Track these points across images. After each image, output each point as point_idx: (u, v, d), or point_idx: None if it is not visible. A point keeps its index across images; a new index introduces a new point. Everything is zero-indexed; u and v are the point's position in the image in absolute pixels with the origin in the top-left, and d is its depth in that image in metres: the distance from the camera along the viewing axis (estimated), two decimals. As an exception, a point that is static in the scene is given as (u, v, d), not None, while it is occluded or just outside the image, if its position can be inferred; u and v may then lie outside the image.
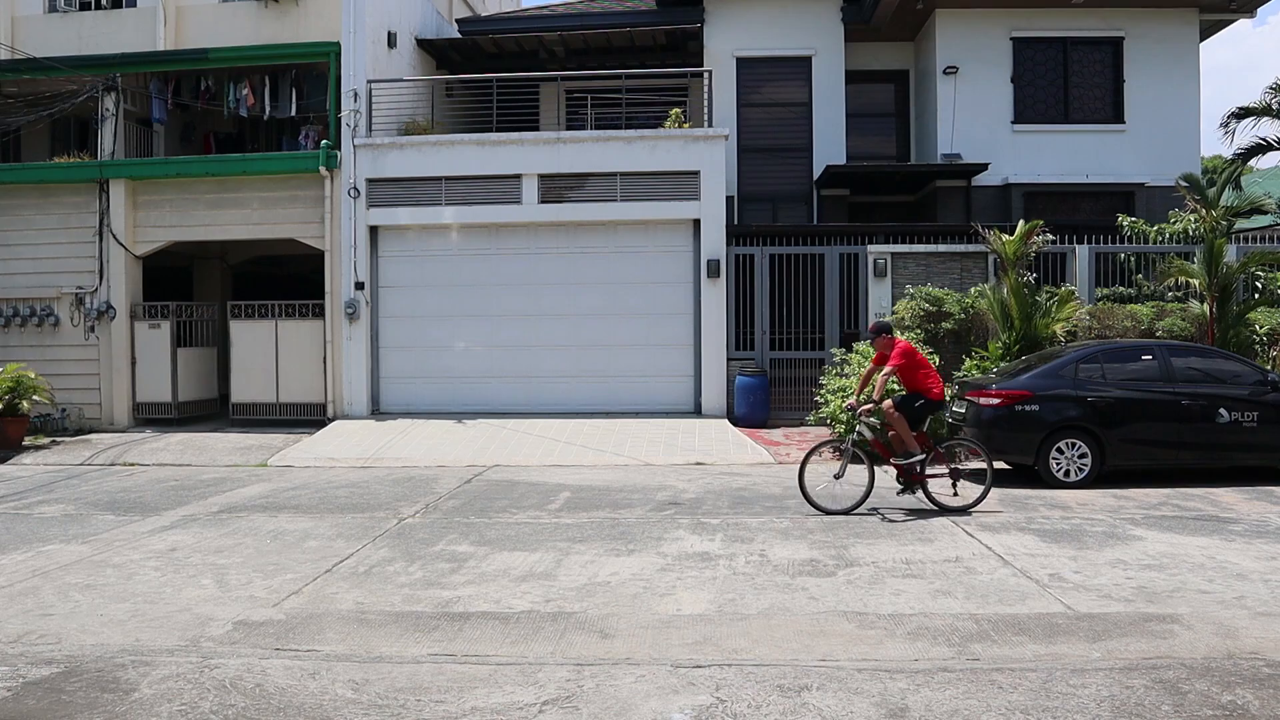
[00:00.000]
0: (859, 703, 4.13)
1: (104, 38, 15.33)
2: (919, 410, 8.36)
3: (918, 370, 8.37)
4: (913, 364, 8.34)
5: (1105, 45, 16.76)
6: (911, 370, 8.34)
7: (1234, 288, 12.56)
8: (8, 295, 15.24)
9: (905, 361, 8.28)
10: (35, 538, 7.80)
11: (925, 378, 8.36)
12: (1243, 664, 4.57)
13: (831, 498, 8.37)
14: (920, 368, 8.39)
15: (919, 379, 8.36)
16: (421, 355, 14.88)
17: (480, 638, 5.11)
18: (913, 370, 8.35)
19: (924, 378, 8.36)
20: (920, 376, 8.37)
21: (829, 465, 8.71)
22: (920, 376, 8.37)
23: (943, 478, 8.45)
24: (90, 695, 4.33)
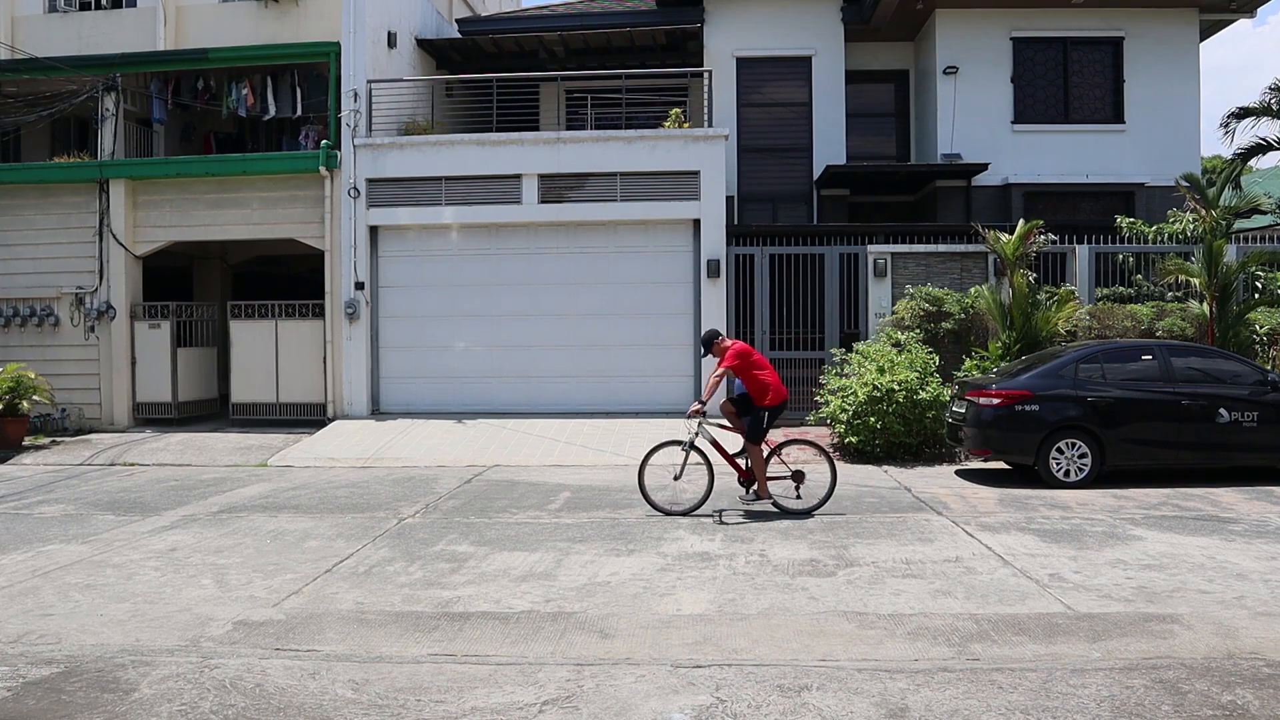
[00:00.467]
0: (859, 703, 4.13)
1: (104, 38, 15.32)
2: (758, 413, 8.22)
3: (751, 371, 8.23)
4: (747, 365, 8.21)
5: (1105, 45, 16.76)
6: (746, 372, 8.23)
7: (1234, 287, 12.56)
8: (8, 295, 15.25)
9: (739, 363, 8.19)
10: (35, 538, 7.80)
11: (760, 380, 8.21)
12: (1243, 664, 4.57)
13: (671, 498, 8.42)
14: (755, 368, 8.24)
15: (754, 381, 8.24)
16: (422, 355, 14.88)
17: (480, 638, 5.11)
18: (747, 372, 8.23)
19: (758, 380, 8.22)
20: (754, 378, 8.23)
21: (673, 467, 8.45)
22: (754, 378, 8.23)
23: (785, 480, 8.35)
24: (90, 695, 4.33)
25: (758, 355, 8.41)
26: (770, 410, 8.22)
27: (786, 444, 8.52)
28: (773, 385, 8.22)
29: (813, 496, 8.34)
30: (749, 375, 8.23)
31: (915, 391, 10.98)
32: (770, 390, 8.19)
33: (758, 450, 8.24)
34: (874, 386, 10.98)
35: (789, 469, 8.33)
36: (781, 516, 8.19)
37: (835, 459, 11.37)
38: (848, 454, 11.50)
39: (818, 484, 8.37)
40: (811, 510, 8.25)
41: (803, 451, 8.52)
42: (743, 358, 8.21)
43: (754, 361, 8.29)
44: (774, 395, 8.21)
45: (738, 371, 8.24)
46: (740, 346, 8.30)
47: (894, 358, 11.54)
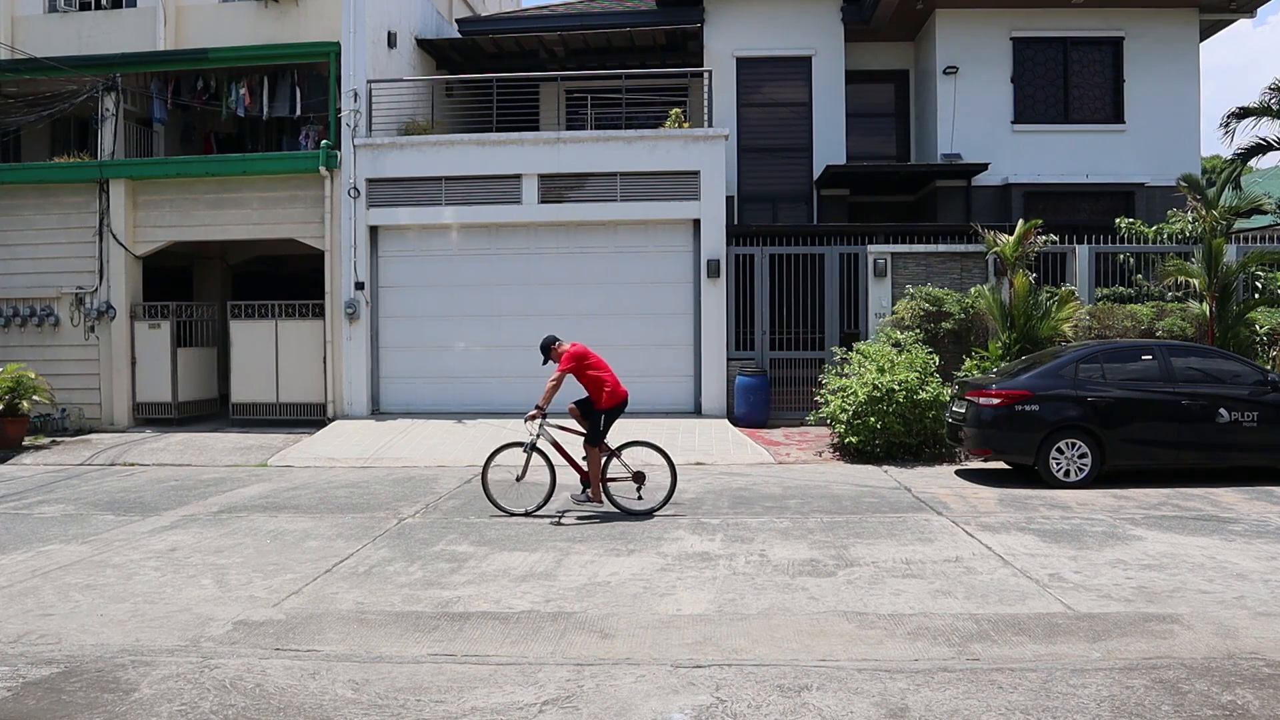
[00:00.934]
0: (859, 703, 4.13)
1: (104, 38, 15.32)
2: (597, 414, 8.29)
3: (587, 373, 8.28)
4: (583, 367, 8.28)
5: (1105, 45, 16.76)
6: (583, 374, 8.30)
7: (1234, 287, 12.56)
8: (8, 295, 15.25)
9: (574, 365, 8.25)
10: (35, 538, 7.80)
11: (597, 382, 8.28)
12: (1243, 664, 4.57)
13: (513, 499, 8.54)
14: (592, 369, 8.30)
15: (591, 383, 8.30)
16: (421, 355, 14.88)
17: (480, 638, 5.11)
18: (583, 374, 8.30)
19: (595, 382, 8.28)
20: (591, 380, 8.30)
21: (516, 468, 8.52)
22: (591, 380, 8.30)
23: (626, 480, 8.35)
24: (90, 695, 4.33)
25: (595, 358, 8.46)
26: (607, 412, 8.31)
27: (628, 445, 8.51)
28: (609, 387, 8.28)
29: (654, 497, 8.41)
30: (586, 377, 8.31)
31: (915, 391, 10.98)
32: (606, 392, 8.26)
33: (596, 453, 8.30)
34: (874, 386, 10.98)
35: (630, 470, 8.35)
36: (629, 517, 8.19)
37: (833, 458, 11.50)
38: (848, 454, 11.50)
39: (659, 485, 8.45)
40: (652, 511, 8.31)
41: (644, 453, 8.49)
42: (578, 360, 8.27)
43: (590, 364, 8.34)
44: (610, 397, 8.28)
45: (575, 374, 8.30)
46: (577, 349, 8.36)
47: (894, 358, 11.54)
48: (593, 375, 8.30)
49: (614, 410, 8.35)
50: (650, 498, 8.39)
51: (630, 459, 8.41)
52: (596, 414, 8.29)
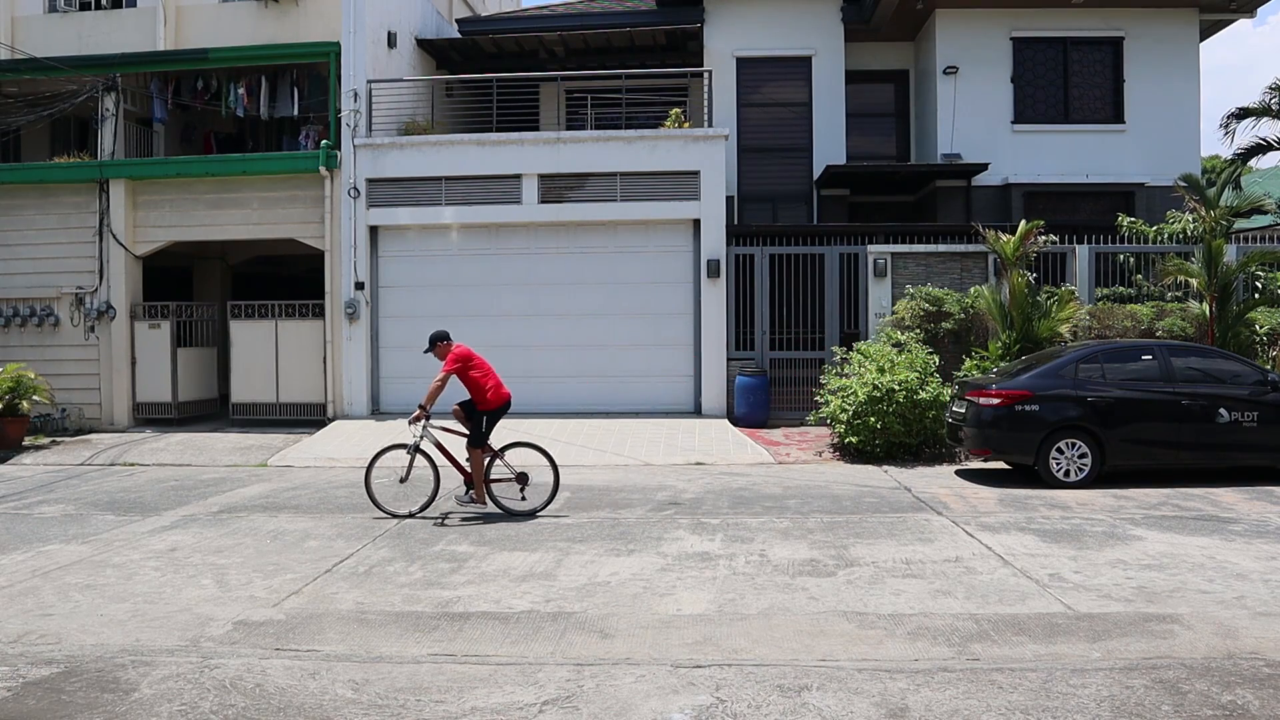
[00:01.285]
0: (859, 703, 4.13)
1: (104, 37, 15.32)
2: (480, 416, 8.36)
3: (471, 375, 8.35)
4: (466, 369, 8.33)
5: (1105, 45, 16.76)
6: (465, 375, 8.35)
7: (1234, 287, 12.56)
8: (8, 295, 15.25)
9: (459, 366, 8.29)
10: (35, 538, 7.80)
11: (479, 384, 8.35)
12: (1243, 664, 4.57)
13: (397, 500, 8.59)
14: (475, 371, 8.37)
15: (473, 385, 8.36)
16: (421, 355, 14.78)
17: (480, 638, 5.11)
18: (466, 375, 8.35)
19: (478, 384, 8.35)
20: (474, 382, 8.36)
21: (400, 469, 8.49)
22: (474, 382, 8.36)
23: (510, 482, 8.40)
24: (90, 695, 4.34)
25: (479, 359, 8.51)
26: (489, 414, 8.38)
27: (511, 446, 8.55)
28: (491, 389, 8.35)
29: (538, 498, 8.44)
30: (469, 379, 8.37)
31: (915, 391, 10.98)
32: (488, 394, 8.33)
33: (478, 455, 8.35)
34: (874, 386, 10.98)
35: (513, 471, 8.39)
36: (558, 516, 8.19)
37: (833, 458, 11.50)
38: (848, 454, 11.50)
39: (542, 486, 8.49)
40: (535, 511, 8.35)
41: (528, 454, 8.52)
42: (462, 361, 8.31)
43: (474, 365, 8.39)
44: (492, 399, 8.35)
45: (459, 375, 8.35)
46: (461, 351, 8.39)
47: (894, 358, 11.54)
48: (475, 377, 8.35)
49: (496, 412, 8.43)
50: (534, 498, 8.41)
51: (514, 460, 8.47)
52: (479, 415, 8.35)
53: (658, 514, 8.41)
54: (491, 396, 8.35)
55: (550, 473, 8.45)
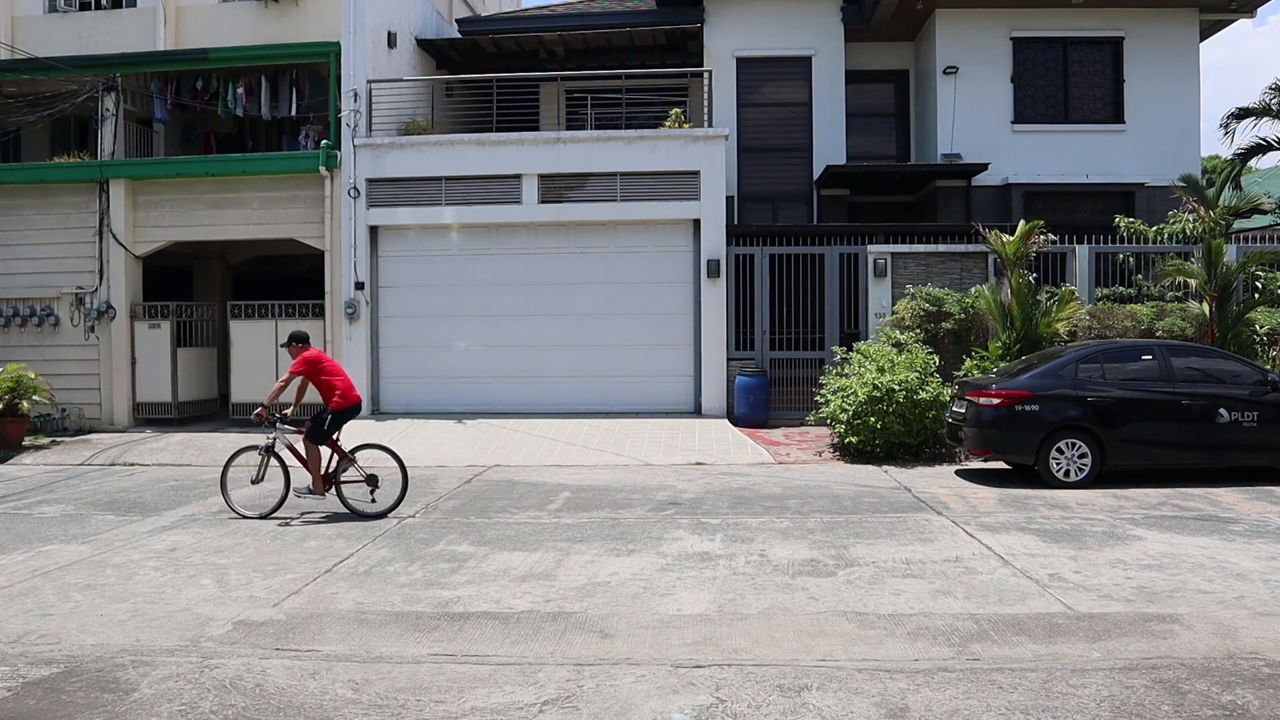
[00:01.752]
0: (859, 703, 4.13)
1: (104, 37, 15.33)
2: (323, 415, 8.45)
3: (320, 377, 8.50)
4: (316, 371, 8.50)
5: (1105, 45, 16.76)
6: (315, 378, 8.51)
7: (1233, 287, 12.56)
8: (8, 295, 15.25)
9: (306, 369, 8.47)
10: (35, 538, 7.80)
11: (328, 386, 8.49)
12: (1243, 664, 4.57)
13: (249, 502, 8.69)
14: (324, 374, 8.53)
15: (323, 386, 8.50)
16: (421, 355, 14.88)
17: (480, 638, 5.11)
18: (316, 378, 8.51)
19: (327, 386, 8.49)
20: (324, 384, 8.51)
21: (253, 469, 8.62)
22: (324, 384, 8.51)
23: (361, 484, 8.44)
24: (90, 695, 4.33)
25: (330, 363, 8.75)
26: (335, 414, 8.48)
27: (361, 448, 8.63)
28: (340, 390, 8.50)
29: (387, 499, 8.48)
30: (319, 381, 8.54)
31: (915, 391, 10.97)
32: (337, 395, 8.47)
33: (315, 450, 8.47)
34: (874, 386, 10.98)
35: (363, 474, 8.45)
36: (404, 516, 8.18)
37: (833, 458, 11.50)
38: (848, 454, 11.50)
39: (392, 489, 8.53)
40: (385, 512, 8.39)
41: (378, 455, 8.60)
42: (311, 364, 8.49)
43: (324, 369, 8.59)
44: (340, 400, 8.47)
45: (308, 377, 8.55)
46: (312, 354, 8.59)
47: (894, 358, 11.54)
48: (324, 380, 8.51)
49: (343, 414, 8.53)
50: (383, 500, 8.45)
51: (364, 461, 8.54)
52: (325, 414, 8.45)
53: (658, 514, 8.41)
54: (339, 399, 8.45)
55: (399, 474, 8.53)
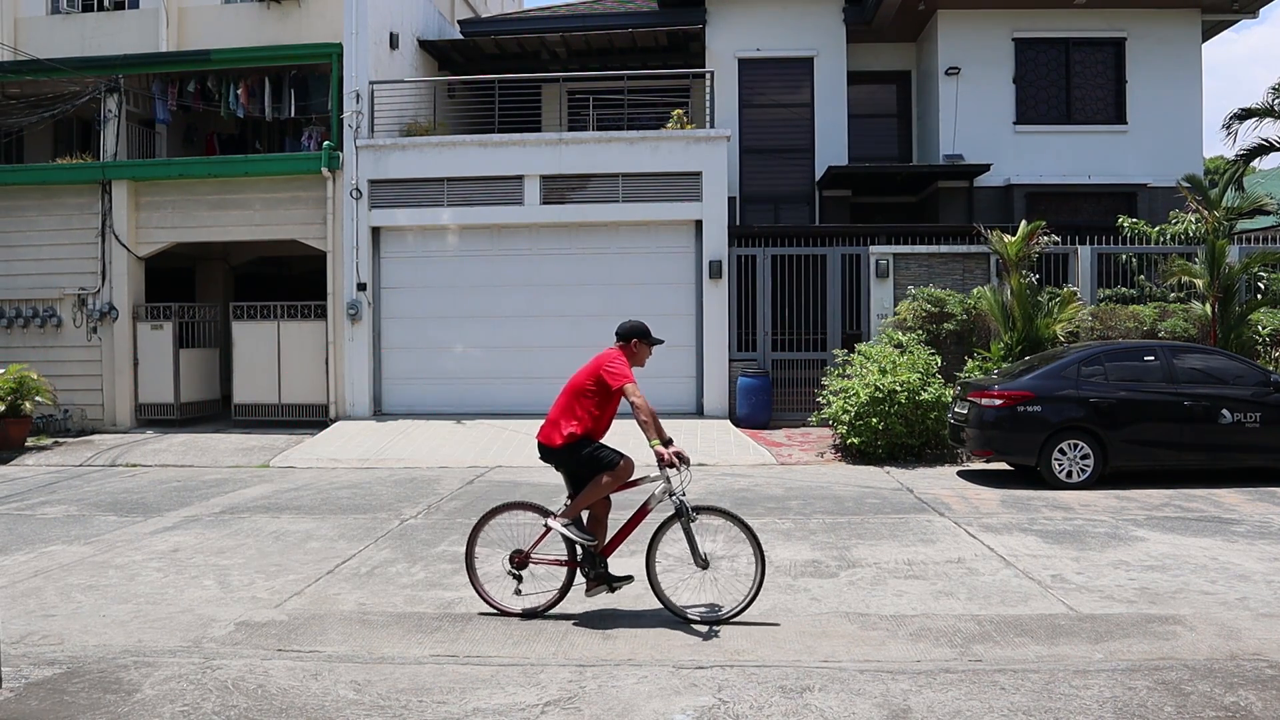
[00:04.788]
0: (861, 704, 4.13)
1: (106, 39, 15.35)
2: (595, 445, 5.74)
3: None
4: None
5: (1107, 46, 16.74)
6: None
7: (1236, 288, 12.55)
8: (10, 296, 15.27)
9: None
10: (38, 538, 7.81)
11: None
12: (1245, 665, 4.56)
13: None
14: None
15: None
16: (424, 356, 14.89)
17: (482, 638, 5.11)
18: None
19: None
20: None
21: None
22: None
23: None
24: (93, 696, 4.34)
25: None
26: None
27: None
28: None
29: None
30: None
31: (917, 392, 10.97)
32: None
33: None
34: (876, 387, 10.98)
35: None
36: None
37: (835, 459, 11.49)
38: (850, 455, 11.49)
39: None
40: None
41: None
42: None
43: None
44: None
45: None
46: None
47: (896, 359, 11.53)
48: None
49: None
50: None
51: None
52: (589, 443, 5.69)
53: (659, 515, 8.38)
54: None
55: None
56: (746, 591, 5.36)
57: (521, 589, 5.47)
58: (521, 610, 5.44)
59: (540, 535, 5.47)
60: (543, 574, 5.65)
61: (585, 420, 5.46)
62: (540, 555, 5.50)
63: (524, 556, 5.44)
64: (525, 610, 5.44)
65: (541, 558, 5.50)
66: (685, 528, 5.41)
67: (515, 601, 5.47)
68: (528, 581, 5.54)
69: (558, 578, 5.58)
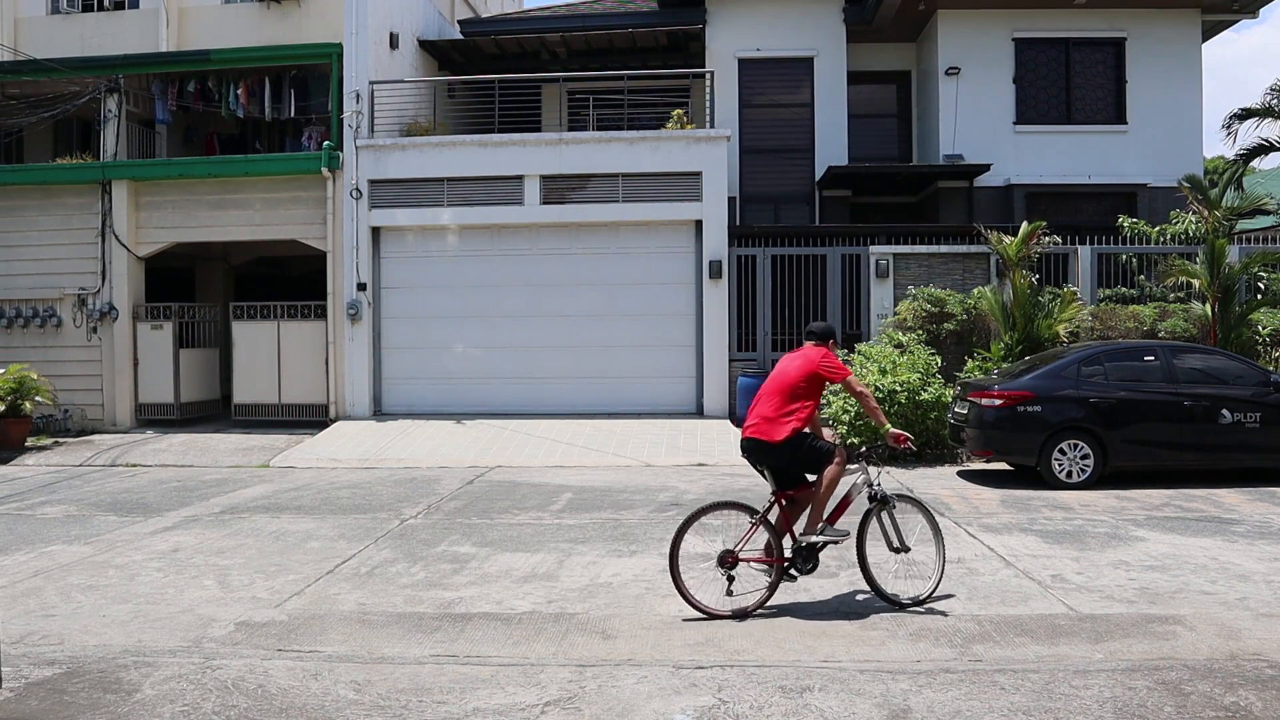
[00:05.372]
0: (861, 704, 4.13)
1: (106, 39, 15.35)
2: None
3: None
4: None
5: (1107, 46, 16.75)
6: None
7: (1236, 288, 12.55)
8: (10, 296, 15.27)
9: None
10: (38, 538, 7.81)
11: None
12: (1245, 665, 4.57)
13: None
14: None
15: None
16: (424, 356, 14.89)
17: (482, 639, 5.11)
18: None
19: None
20: None
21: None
22: None
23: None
24: (93, 696, 4.34)
25: None
26: None
27: None
28: None
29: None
30: None
31: (917, 392, 10.97)
32: None
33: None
34: (876, 387, 10.97)
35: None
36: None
37: (837, 460, 11.46)
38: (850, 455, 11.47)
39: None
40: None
41: None
42: None
43: None
44: None
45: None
46: None
47: (896, 359, 11.54)
48: None
49: None
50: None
51: None
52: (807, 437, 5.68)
53: (660, 515, 8.41)
54: None
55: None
56: (933, 574, 5.72)
57: (733, 589, 5.53)
58: (731, 611, 5.44)
59: (746, 534, 5.51)
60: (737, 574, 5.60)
61: (802, 415, 5.59)
62: (747, 554, 5.55)
63: (734, 556, 5.49)
64: (735, 611, 5.44)
65: (750, 556, 5.56)
66: (890, 515, 5.64)
67: (725, 603, 5.49)
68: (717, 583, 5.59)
69: (758, 577, 5.65)
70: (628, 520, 8.19)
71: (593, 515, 8.44)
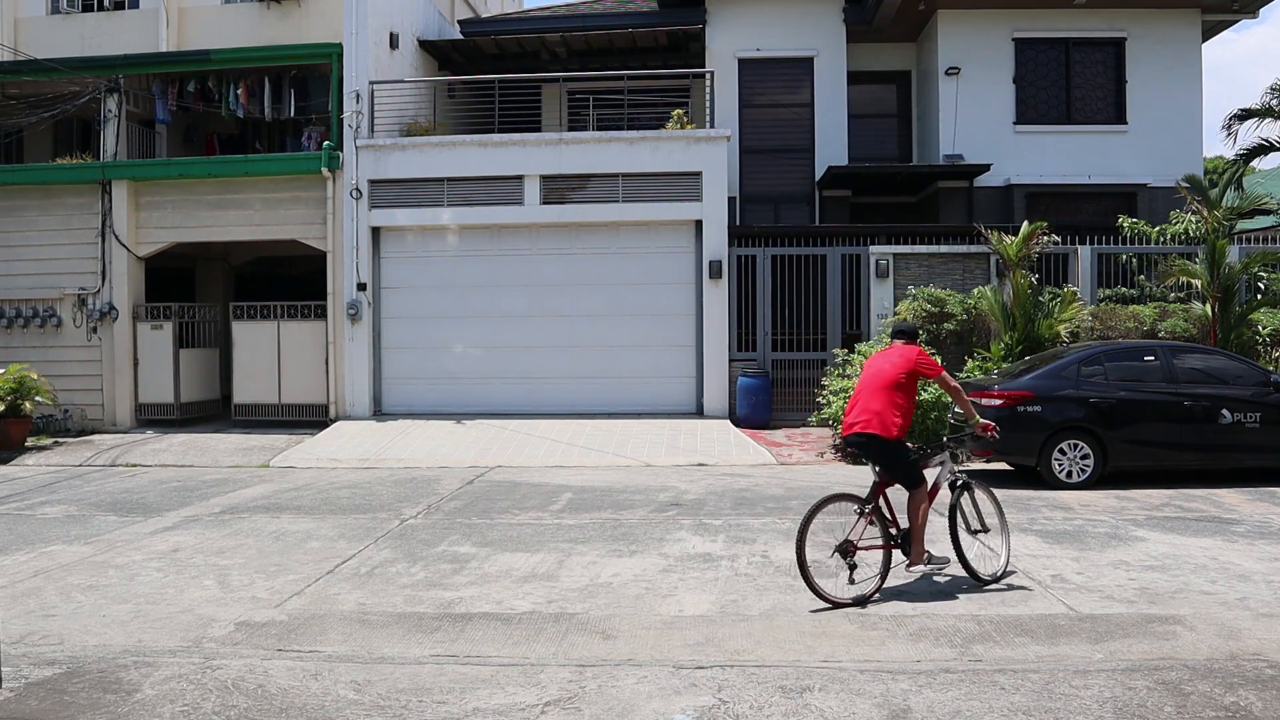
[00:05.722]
0: (861, 704, 4.13)
1: (106, 39, 15.35)
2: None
3: None
4: None
5: (1107, 46, 16.75)
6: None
7: (1236, 289, 12.55)
8: (10, 296, 15.27)
9: None
10: (38, 538, 7.81)
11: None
12: (1245, 665, 4.57)
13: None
14: None
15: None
16: (423, 356, 14.89)
17: (482, 639, 5.11)
18: None
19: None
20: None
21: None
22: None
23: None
24: (93, 696, 4.34)
25: None
26: None
27: None
28: None
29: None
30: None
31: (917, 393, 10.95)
32: None
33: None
34: (876, 387, 10.95)
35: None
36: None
37: (835, 459, 11.49)
38: (850, 455, 11.48)
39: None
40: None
41: None
42: None
43: None
44: None
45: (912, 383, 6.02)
46: None
47: (896, 359, 11.51)
48: None
49: None
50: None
51: None
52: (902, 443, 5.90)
53: (660, 515, 8.41)
54: None
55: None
56: (1001, 551, 6.19)
57: (855, 577, 5.73)
58: (852, 599, 5.65)
59: (855, 523, 5.74)
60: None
61: (908, 410, 5.93)
62: (865, 543, 5.78)
63: (854, 546, 5.71)
64: (855, 598, 5.66)
65: (868, 544, 5.79)
66: (971, 499, 6.16)
67: (848, 591, 5.70)
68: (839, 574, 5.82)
69: (870, 564, 5.86)
70: (628, 520, 8.19)
71: (593, 515, 8.44)
